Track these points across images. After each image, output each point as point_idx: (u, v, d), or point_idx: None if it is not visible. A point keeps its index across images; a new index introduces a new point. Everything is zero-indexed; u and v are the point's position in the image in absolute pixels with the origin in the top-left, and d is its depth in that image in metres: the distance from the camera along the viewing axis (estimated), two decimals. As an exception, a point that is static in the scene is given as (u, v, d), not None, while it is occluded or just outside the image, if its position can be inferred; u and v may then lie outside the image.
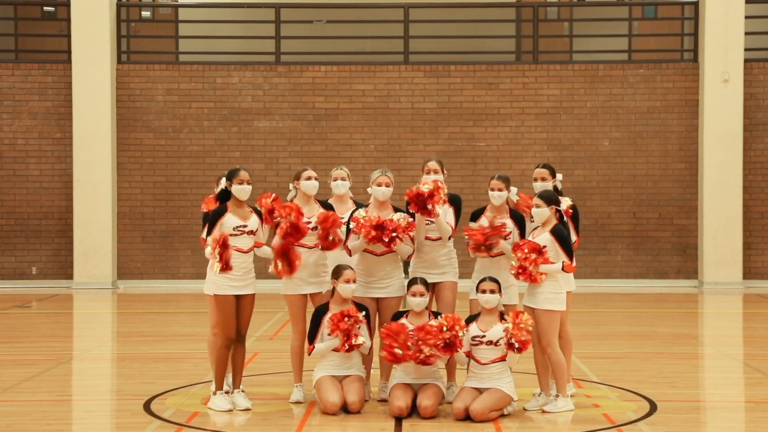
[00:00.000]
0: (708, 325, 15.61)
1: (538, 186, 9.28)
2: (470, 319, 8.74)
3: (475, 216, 9.29)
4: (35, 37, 21.96)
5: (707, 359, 12.05)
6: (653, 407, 8.87)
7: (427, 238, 9.20)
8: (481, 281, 8.71)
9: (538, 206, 8.72)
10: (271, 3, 21.32)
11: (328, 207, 9.23)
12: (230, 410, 8.74)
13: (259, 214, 8.94)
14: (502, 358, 8.57)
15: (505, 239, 9.04)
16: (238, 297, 8.80)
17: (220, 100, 20.73)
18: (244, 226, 8.76)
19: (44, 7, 22.26)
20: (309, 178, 9.09)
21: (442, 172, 9.47)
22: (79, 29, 20.19)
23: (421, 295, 8.72)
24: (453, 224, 9.17)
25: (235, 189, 8.77)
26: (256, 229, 8.86)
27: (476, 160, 20.50)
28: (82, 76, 20.17)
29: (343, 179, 9.41)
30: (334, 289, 8.93)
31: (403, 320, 8.77)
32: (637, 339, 12.89)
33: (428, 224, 9.19)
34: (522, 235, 9.16)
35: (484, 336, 8.56)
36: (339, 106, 20.72)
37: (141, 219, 20.60)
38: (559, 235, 8.66)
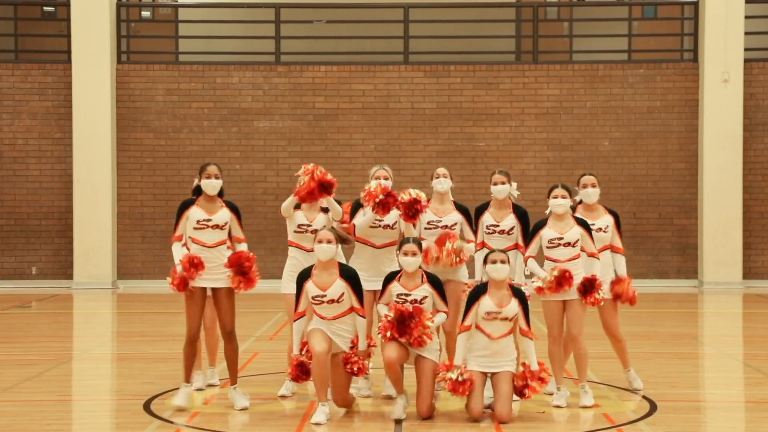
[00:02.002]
0: (708, 325, 15.61)
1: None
2: (479, 291, 8.54)
3: (480, 211, 9.43)
4: (35, 37, 21.96)
5: (707, 359, 12.05)
6: (653, 407, 8.87)
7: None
8: (489, 253, 8.65)
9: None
10: (271, 3, 21.31)
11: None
12: (183, 410, 8.68)
13: (233, 209, 8.87)
14: (511, 332, 8.52)
15: (509, 233, 9.24)
16: (211, 292, 8.84)
17: (220, 100, 20.73)
18: (208, 220, 8.75)
19: (44, 7, 22.26)
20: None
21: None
22: (79, 29, 20.18)
23: (413, 254, 8.51)
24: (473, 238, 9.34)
25: (204, 183, 8.81)
26: (225, 224, 8.79)
27: (476, 160, 20.50)
28: (82, 76, 20.17)
29: (386, 178, 9.34)
30: None
31: (395, 283, 8.58)
32: (637, 339, 12.88)
33: (434, 228, 9.35)
34: (524, 231, 9.21)
35: (500, 312, 8.42)
36: (339, 106, 20.71)
37: (141, 219, 20.60)
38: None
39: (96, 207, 20.05)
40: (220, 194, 8.93)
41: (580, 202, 9.50)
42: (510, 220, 9.30)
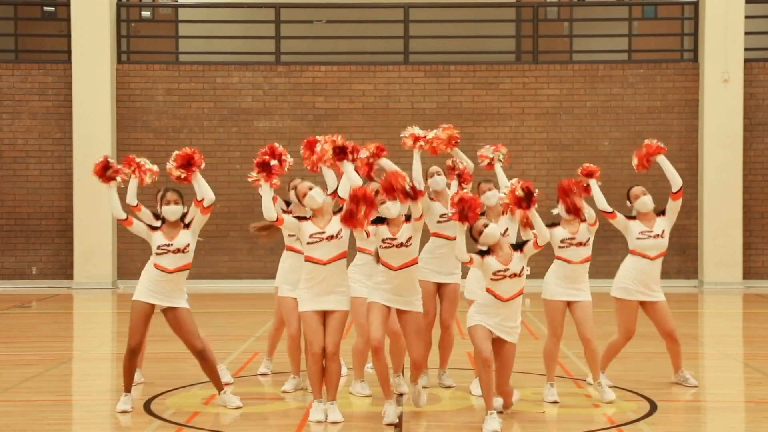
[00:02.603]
0: (708, 325, 15.61)
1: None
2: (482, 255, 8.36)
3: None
4: (35, 37, 21.96)
5: (707, 359, 12.04)
6: (653, 407, 8.87)
7: (441, 236, 9.36)
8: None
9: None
10: (271, 3, 21.32)
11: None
12: (124, 411, 8.66)
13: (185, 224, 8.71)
14: (521, 292, 8.33)
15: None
16: (165, 314, 8.75)
17: (220, 100, 20.73)
18: (169, 245, 8.63)
19: (44, 7, 22.27)
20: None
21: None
22: (79, 29, 20.19)
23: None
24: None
25: (164, 210, 8.75)
26: (186, 246, 8.65)
27: (476, 161, 20.44)
28: (82, 76, 20.17)
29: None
30: None
31: (383, 225, 8.34)
32: (637, 339, 12.86)
33: (441, 221, 9.36)
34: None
35: (507, 269, 8.18)
36: (339, 106, 20.71)
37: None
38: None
39: (96, 207, 20.04)
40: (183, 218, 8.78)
41: (634, 216, 9.64)
42: (505, 222, 9.35)
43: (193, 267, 9.29)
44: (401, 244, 8.27)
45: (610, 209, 9.45)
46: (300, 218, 8.48)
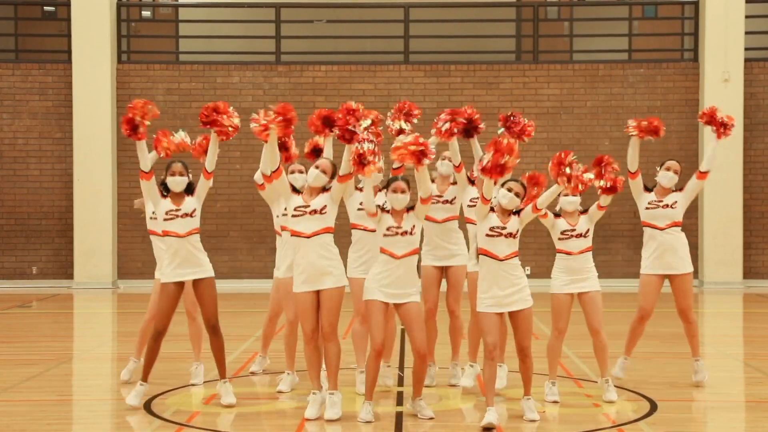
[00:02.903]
0: (708, 325, 15.60)
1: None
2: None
3: None
4: (35, 37, 21.96)
5: (707, 359, 12.02)
6: (653, 407, 8.87)
7: (432, 220, 9.42)
8: (506, 181, 8.56)
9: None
10: (271, 3, 21.32)
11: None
12: (132, 407, 8.71)
13: (190, 190, 9.03)
14: (517, 254, 8.38)
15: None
16: (184, 284, 8.91)
17: (220, 100, 20.68)
18: (177, 210, 8.89)
19: (44, 7, 22.28)
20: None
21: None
22: (79, 29, 20.19)
23: (402, 192, 8.42)
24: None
25: (169, 181, 9.05)
26: (193, 211, 8.92)
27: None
28: (82, 76, 20.17)
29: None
30: None
31: (387, 214, 8.39)
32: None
33: (435, 202, 9.37)
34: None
35: (504, 228, 8.32)
36: (339, 106, 20.69)
37: (141, 219, 20.54)
38: None
39: (96, 207, 20.05)
40: (189, 192, 9.04)
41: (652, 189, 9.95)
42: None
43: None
44: (405, 233, 8.29)
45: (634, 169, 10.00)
46: (293, 189, 8.58)
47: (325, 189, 8.51)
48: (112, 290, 19.91)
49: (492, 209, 8.42)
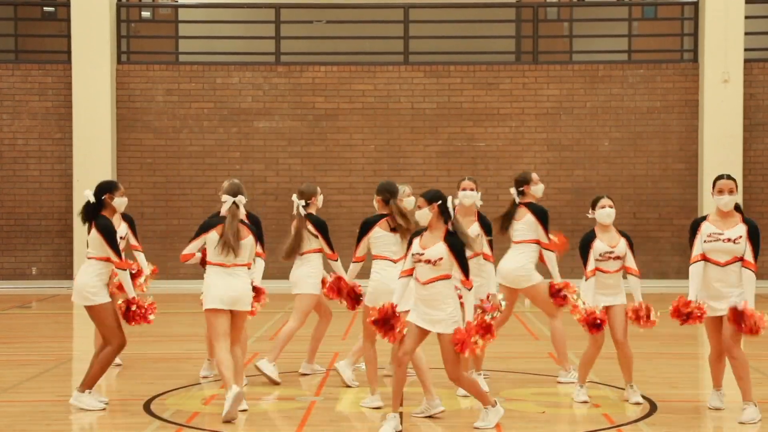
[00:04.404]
0: (708, 325, 15.57)
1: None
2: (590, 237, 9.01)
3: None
4: (35, 38, 21.96)
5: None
6: (653, 407, 8.87)
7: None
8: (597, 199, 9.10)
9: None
10: (271, 3, 21.32)
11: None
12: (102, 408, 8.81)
13: (127, 220, 9.79)
14: (445, 277, 7.93)
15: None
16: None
17: (220, 101, 20.73)
18: (122, 238, 9.52)
19: (44, 8, 22.28)
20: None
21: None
22: (79, 29, 20.19)
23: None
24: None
25: (117, 201, 9.20)
26: (125, 235, 9.57)
27: (476, 161, 20.49)
28: (82, 77, 20.17)
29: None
30: None
31: (416, 240, 8.01)
32: (637, 339, 12.87)
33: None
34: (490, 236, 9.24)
35: (422, 254, 7.93)
36: (339, 107, 20.71)
37: (141, 219, 20.55)
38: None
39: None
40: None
41: None
42: (475, 228, 9.25)
43: (193, 268, 9.37)
44: (429, 261, 7.94)
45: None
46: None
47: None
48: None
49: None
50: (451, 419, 8.51)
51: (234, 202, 8.54)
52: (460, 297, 7.96)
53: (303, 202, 10.04)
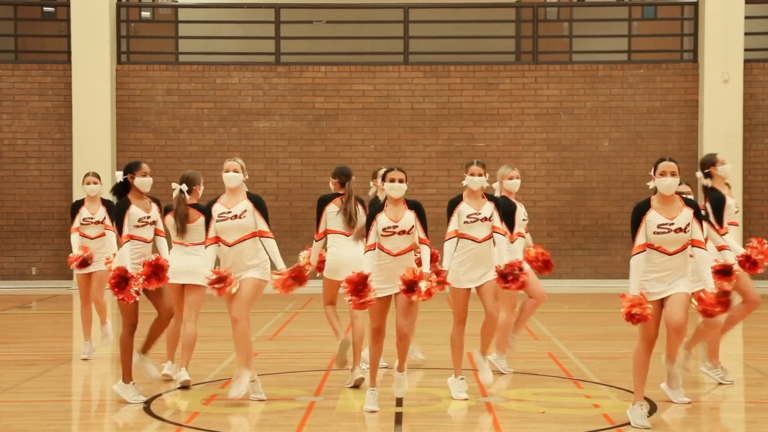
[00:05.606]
0: (708, 326, 15.57)
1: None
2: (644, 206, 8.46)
3: (453, 204, 9.14)
4: (35, 38, 21.96)
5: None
6: (653, 407, 8.87)
7: (467, 238, 9.10)
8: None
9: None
10: (271, 3, 21.33)
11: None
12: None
13: (157, 202, 9.72)
14: (412, 248, 8.49)
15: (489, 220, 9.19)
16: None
17: (220, 101, 20.74)
18: (148, 218, 9.45)
19: (44, 8, 22.28)
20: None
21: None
22: (79, 29, 20.20)
23: (400, 181, 8.47)
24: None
25: (138, 181, 9.50)
26: (157, 220, 9.55)
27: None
28: (82, 77, 20.18)
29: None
30: None
31: (381, 215, 8.44)
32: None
33: (468, 222, 9.03)
34: (501, 216, 9.14)
35: (396, 226, 8.45)
36: (339, 107, 20.72)
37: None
38: None
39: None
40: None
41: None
42: (488, 208, 9.12)
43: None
44: (403, 232, 8.48)
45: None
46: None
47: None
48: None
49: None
50: (452, 419, 8.51)
51: (180, 190, 10.03)
52: (418, 252, 8.56)
53: (186, 188, 10.27)
